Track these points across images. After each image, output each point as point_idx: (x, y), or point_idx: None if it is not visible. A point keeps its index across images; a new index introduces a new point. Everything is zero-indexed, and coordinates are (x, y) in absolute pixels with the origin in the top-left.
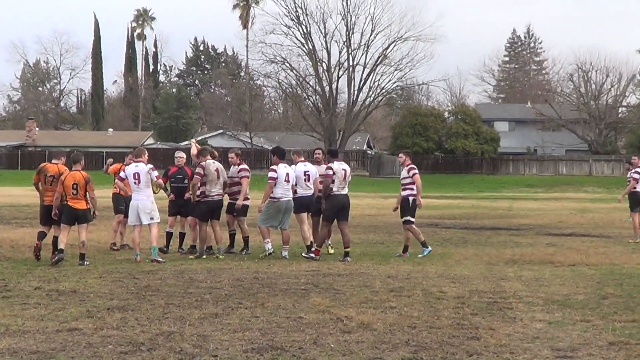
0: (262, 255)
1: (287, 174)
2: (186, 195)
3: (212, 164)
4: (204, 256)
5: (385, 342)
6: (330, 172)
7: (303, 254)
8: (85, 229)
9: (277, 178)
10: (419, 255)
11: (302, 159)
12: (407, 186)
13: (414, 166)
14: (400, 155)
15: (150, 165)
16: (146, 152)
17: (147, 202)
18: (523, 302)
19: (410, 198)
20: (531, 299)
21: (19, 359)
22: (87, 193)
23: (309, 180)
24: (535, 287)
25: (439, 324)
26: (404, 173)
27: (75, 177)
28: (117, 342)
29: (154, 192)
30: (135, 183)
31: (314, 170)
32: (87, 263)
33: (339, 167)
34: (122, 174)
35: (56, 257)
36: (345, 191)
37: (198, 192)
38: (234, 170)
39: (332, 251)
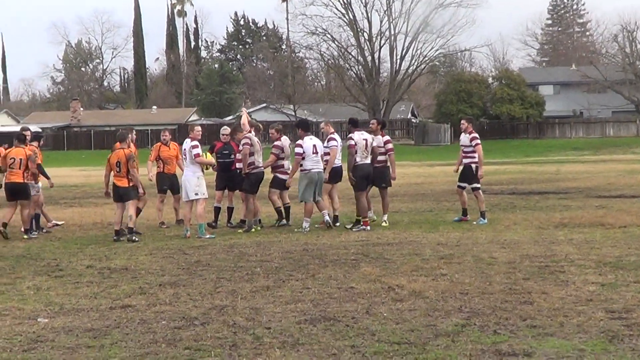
0: (297, 230)
1: (315, 146)
2: (237, 165)
3: (254, 136)
4: (253, 229)
5: (438, 309)
6: (352, 142)
7: (353, 229)
8: (131, 205)
9: (304, 152)
10: (474, 223)
11: (333, 130)
12: (469, 154)
13: (477, 135)
14: (462, 121)
15: (194, 143)
16: (197, 128)
17: (193, 178)
18: (575, 265)
19: (473, 165)
20: (583, 261)
21: (74, 337)
22: (129, 170)
23: None
24: (586, 249)
25: (491, 290)
26: (465, 140)
27: (119, 155)
28: (170, 317)
29: (205, 169)
30: (184, 159)
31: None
32: (137, 240)
33: (360, 137)
34: None
35: (117, 237)
36: (368, 160)
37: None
38: None
39: (385, 224)
